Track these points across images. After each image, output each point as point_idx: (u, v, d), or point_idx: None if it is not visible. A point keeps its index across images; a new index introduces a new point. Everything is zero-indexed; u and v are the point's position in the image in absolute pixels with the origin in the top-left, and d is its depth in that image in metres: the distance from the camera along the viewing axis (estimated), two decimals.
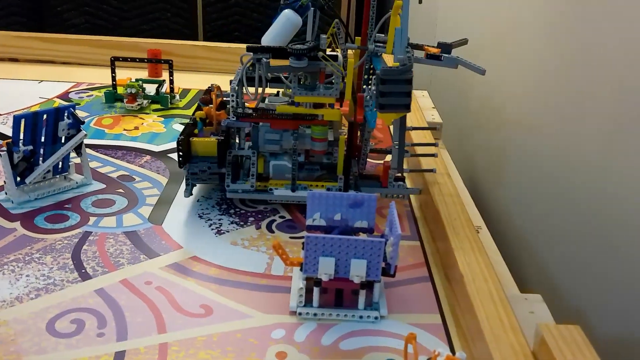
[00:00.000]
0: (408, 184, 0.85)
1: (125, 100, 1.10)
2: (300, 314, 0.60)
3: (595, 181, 0.73)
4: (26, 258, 0.67)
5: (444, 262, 0.69)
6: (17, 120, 0.75)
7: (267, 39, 0.76)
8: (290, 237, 0.74)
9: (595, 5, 0.75)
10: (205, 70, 1.33)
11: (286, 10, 0.76)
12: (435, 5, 1.47)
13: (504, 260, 0.73)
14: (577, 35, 0.79)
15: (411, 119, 1.02)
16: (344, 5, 1.97)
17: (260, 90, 0.75)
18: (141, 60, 1.18)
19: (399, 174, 0.79)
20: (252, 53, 0.74)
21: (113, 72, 1.12)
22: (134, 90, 1.09)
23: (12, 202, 0.78)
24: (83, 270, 0.66)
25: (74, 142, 0.81)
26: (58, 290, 0.63)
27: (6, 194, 0.78)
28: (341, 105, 0.78)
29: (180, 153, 0.75)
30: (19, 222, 0.74)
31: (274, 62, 0.75)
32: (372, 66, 0.76)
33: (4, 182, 0.78)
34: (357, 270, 0.58)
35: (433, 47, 0.74)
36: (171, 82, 1.13)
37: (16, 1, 1.99)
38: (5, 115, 1.07)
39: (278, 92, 0.85)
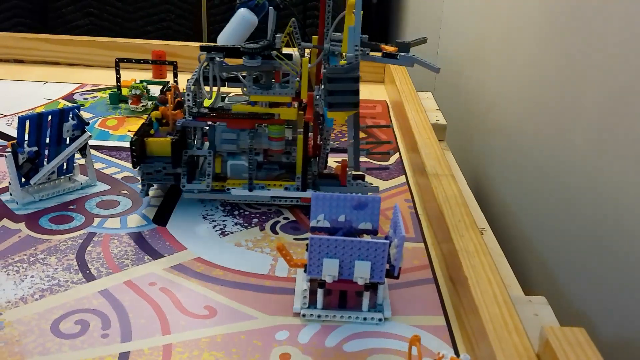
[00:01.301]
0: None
1: (129, 102, 1.10)
2: (304, 315, 0.60)
3: (600, 184, 0.73)
4: (31, 259, 0.67)
5: (448, 264, 0.69)
6: (22, 121, 0.75)
7: (222, 38, 0.75)
8: (294, 239, 0.74)
9: (595, 8, 0.75)
10: None
11: (242, 9, 0.75)
12: (440, 7, 1.48)
13: (508, 263, 0.73)
14: (580, 38, 0.79)
15: (415, 121, 1.02)
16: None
17: (215, 89, 0.75)
18: (146, 61, 1.18)
19: (358, 172, 0.79)
20: (205, 52, 0.74)
21: (117, 73, 1.13)
22: (138, 92, 1.09)
23: (17, 203, 0.78)
24: (87, 271, 0.66)
25: (78, 143, 0.81)
26: (62, 291, 0.63)
27: (11, 194, 0.78)
28: (300, 105, 0.77)
29: (134, 153, 0.74)
30: (23, 222, 0.74)
31: (233, 61, 0.74)
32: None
33: (9, 183, 0.78)
34: (361, 272, 0.58)
35: (390, 45, 0.74)
36: (175, 83, 1.13)
37: (21, 3, 2.00)
38: (10, 116, 1.07)
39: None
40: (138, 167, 0.76)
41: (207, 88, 0.76)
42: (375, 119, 1.15)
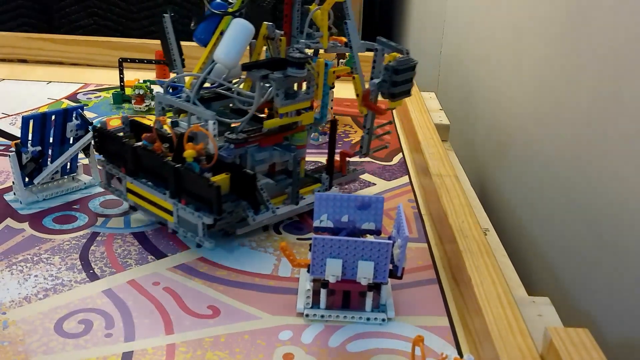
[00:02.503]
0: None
1: (133, 102, 1.10)
2: (307, 315, 0.60)
3: (603, 183, 0.73)
4: (34, 258, 0.68)
5: (452, 264, 0.69)
6: (25, 121, 0.76)
7: (225, 53, 0.70)
8: (298, 239, 0.74)
9: (605, 5, 0.75)
10: None
11: (238, 19, 0.71)
12: (444, 5, 1.47)
13: (511, 263, 0.72)
14: (587, 37, 0.79)
15: (418, 121, 1.02)
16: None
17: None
18: (149, 61, 1.19)
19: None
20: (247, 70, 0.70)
21: (121, 73, 1.13)
22: (141, 92, 1.09)
23: (21, 203, 0.78)
24: (91, 271, 0.66)
25: (82, 143, 0.81)
26: (66, 291, 0.63)
27: (15, 194, 0.79)
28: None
29: (217, 204, 0.64)
30: (27, 222, 0.74)
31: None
32: None
33: (13, 182, 0.78)
34: (365, 272, 0.58)
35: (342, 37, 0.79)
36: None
37: (25, 3, 2.00)
38: (14, 116, 1.07)
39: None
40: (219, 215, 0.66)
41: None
42: (378, 119, 1.14)
